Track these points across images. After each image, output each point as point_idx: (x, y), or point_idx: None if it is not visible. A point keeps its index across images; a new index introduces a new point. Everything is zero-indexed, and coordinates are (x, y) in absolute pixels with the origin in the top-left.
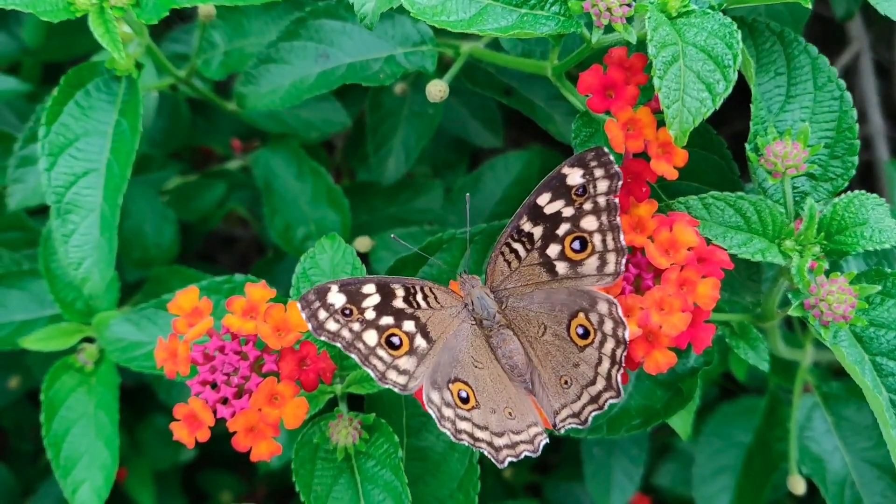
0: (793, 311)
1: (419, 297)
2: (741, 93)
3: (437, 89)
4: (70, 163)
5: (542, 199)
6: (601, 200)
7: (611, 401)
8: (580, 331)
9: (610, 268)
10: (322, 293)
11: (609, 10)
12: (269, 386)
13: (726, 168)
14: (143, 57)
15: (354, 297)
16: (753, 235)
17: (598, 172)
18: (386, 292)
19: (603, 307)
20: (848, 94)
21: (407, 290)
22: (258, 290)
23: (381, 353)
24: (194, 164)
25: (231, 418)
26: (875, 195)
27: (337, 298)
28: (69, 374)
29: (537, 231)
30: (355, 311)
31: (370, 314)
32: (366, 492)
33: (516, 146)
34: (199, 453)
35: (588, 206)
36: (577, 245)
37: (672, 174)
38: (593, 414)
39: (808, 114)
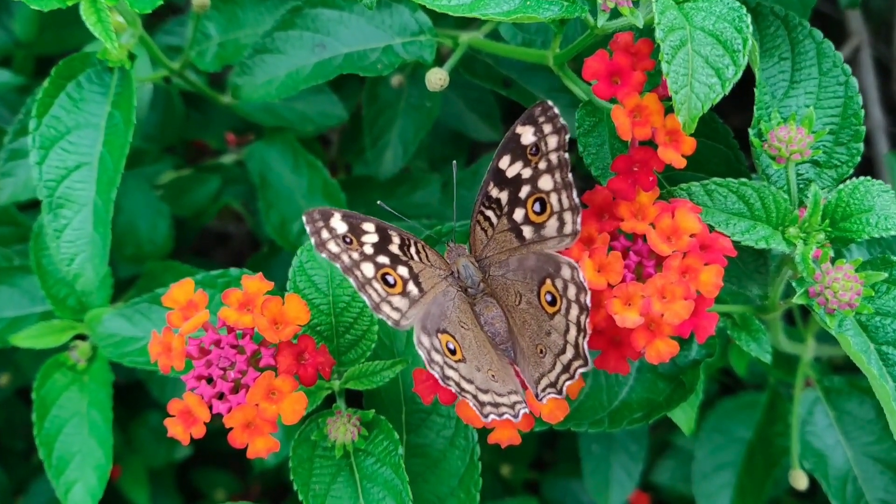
0: (797, 299)
1: (412, 249)
2: (740, 87)
3: (436, 77)
4: (62, 156)
5: (504, 163)
6: (553, 157)
7: (580, 370)
8: (548, 298)
9: (568, 228)
10: (326, 216)
11: None
12: (267, 380)
13: (733, 158)
14: (136, 48)
15: (355, 230)
16: (757, 222)
17: (547, 128)
18: (384, 235)
19: (566, 272)
20: (854, 80)
21: (402, 239)
22: (255, 283)
23: (376, 286)
24: (188, 158)
25: (227, 414)
26: (880, 182)
27: (339, 225)
28: (61, 371)
29: (503, 196)
30: (355, 242)
31: (368, 249)
32: (365, 490)
33: None
34: (193, 451)
35: (542, 164)
36: (537, 207)
37: (680, 162)
38: (567, 383)
39: (812, 99)
